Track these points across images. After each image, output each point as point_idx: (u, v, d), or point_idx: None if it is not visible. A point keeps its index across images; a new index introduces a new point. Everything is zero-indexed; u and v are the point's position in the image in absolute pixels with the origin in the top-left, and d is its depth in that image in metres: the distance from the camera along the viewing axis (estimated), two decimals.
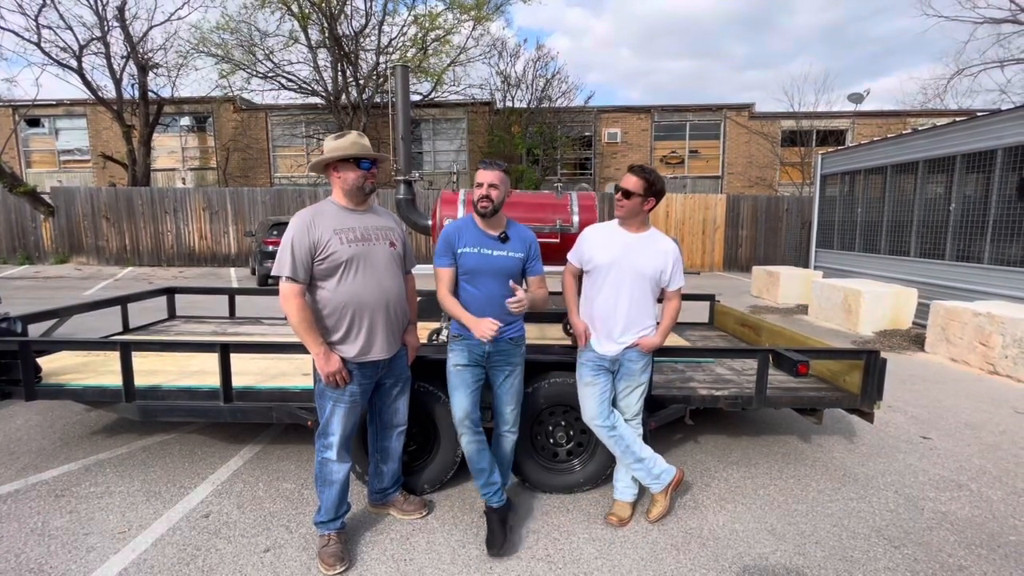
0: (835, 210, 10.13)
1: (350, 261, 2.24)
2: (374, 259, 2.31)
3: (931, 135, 7.79)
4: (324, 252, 2.20)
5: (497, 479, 2.53)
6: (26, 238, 15.31)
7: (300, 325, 2.19)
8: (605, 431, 2.59)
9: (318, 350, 2.22)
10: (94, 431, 3.70)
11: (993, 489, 3.10)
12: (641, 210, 2.50)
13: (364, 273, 2.27)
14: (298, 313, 2.17)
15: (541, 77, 18.08)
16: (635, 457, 2.61)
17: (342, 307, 2.26)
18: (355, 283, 2.26)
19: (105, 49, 16.05)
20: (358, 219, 2.32)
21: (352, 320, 2.27)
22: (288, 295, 2.17)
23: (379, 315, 2.32)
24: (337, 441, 2.34)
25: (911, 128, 8.63)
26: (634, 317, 2.51)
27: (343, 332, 2.28)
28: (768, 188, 18.80)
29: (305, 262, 2.18)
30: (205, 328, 4.66)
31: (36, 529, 2.56)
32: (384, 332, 2.35)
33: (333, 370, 2.23)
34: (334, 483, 2.37)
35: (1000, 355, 5.39)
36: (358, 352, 2.29)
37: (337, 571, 2.28)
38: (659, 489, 2.68)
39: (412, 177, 4.13)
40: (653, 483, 2.66)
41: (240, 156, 19.06)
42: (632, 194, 2.46)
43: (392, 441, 2.59)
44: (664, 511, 2.69)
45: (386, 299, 2.34)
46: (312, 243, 2.19)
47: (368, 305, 2.29)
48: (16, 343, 2.89)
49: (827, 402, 3.13)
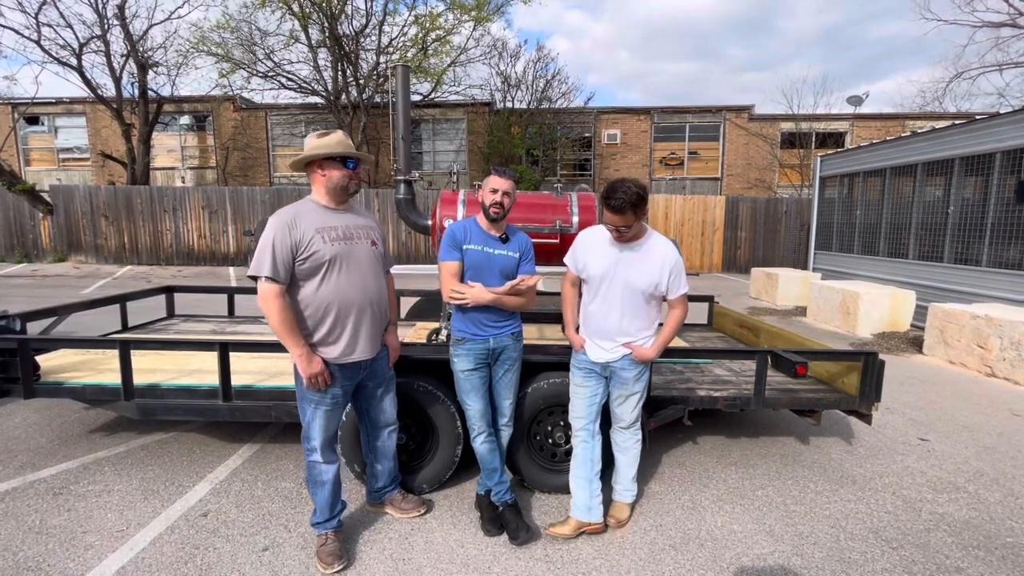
0: (834, 212, 10.15)
1: (333, 260, 2.21)
2: (357, 258, 2.29)
3: (930, 138, 7.81)
4: (307, 251, 2.16)
5: (507, 477, 2.61)
6: (24, 236, 15.27)
7: (282, 326, 2.14)
8: (585, 434, 2.59)
9: (300, 351, 2.17)
10: (92, 429, 3.70)
11: (990, 491, 3.11)
12: (640, 227, 2.41)
13: (348, 272, 2.25)
14: (279, 314, 2.12)
15: (541, 78, 18.08)
16: (590, 474, 2.56)
17: (325, 307, 2.22)
18: (339, 282, 2.23)
19: (105, 47, 16.02)
20: (339, 218, 2.29)
21: (336, 320, 2.24)
22: (268, 296, 2.11)
23: (363, 315, 2.30)
24: (320, 444, 2.32)
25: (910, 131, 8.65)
26: (626, 328, 2.45)
27: (325, 332, 2.24)
28: (767, 190, 18.82)
29: (286, 262, 2.13)
30: (204, 327, 4.65)
31: (34, 527, 2.56)
32: (367, 332, 2.33)
33: (315, 372, 2.19)
34: (324, 483, 2.36)
35: (998, 358, 5.40)
36: (341, 353, 2.26)
37: (335, 569, 2.27)
38: (578, 516, 2.55)
39: (412, 177, 4.14)
40: (582, 509, 2.55)
41: (239, 155, 19.04)
42: (627, 227, 2.31)
43: (384, 440, 2.59)
44: (566, 534, 2.52)
45: (369, 298, 2.32)
46: (294, 242, 2.14)
47: (352, 304, 2.26)
48: (15, 341, 2.89)
49: (825, 403, 3.14)
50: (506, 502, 2.57)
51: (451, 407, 2.80)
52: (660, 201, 15.27)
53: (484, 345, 2.48)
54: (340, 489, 2.44)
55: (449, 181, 3.97)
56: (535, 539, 2.50)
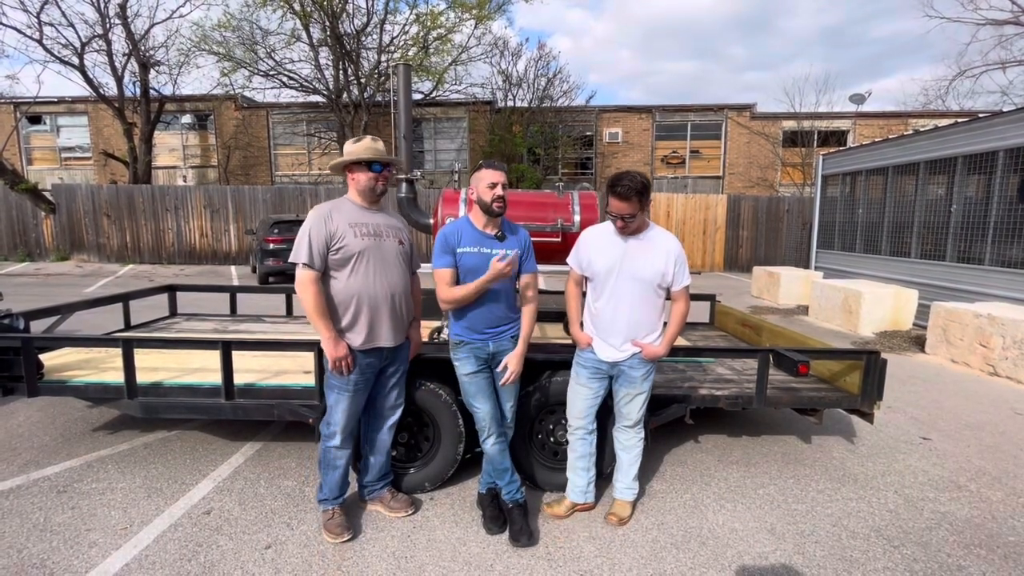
0: (836, 211, 10.13)
1: (361, 253, 2.37)
2: (384, 253, 2.45)
3: (932, 136, 7.79)
4: (338, 243, 2.34)
5: (517, 477, 2.62)
6: (27, 235, 15.31)
7: (315, 311, 2.31)
8: (584, 432, 2.64)
9: (329, 335, 2.33)
10: (96, 427, 3.71)
11: (992, 490, 3.10)
12: (643, 220, 2.43)
13: (373, 265, 2.41)
14: (314, 299, 2.30)
15: (542, 76, 18.10)
16: (588, 464, 2.70)
17: (352, 297, 2.38)
18: (365, 274, 2.39)
19: (107, 46, 16.06)
20: (371, 216, 2.47)
21: (359, 309, 2.39)
22: (305, 281, 2.30)
23: (384, 305, 2.44)
24: (340, 429, 2.48)
25: (912, 129, 8.63)
26: (636, 323, 2.46)
27: (350, 320, 2.39)
28: (769, 188, 18.79)
29: (321, 251, 2.31)
30: (206, 326, 4.66)
31: (38, 525, 2.57)
32: (389, 322, 2.46)
33: (341, 355, 2.35)
34: (337, 468, 2.54)
35: (1000, 356, 5.39)
36: (363, 340, 2.40)
37: (344, 539, 2.45)
38: (574, 499, 2.72)
39: (413, 176, 4.14)
40: (578, 493, 2.72)
41: (241, 154, 19.06)
42: (630, 216, 2.33)
43: (382, 434, 2.64)
44: (561, 514, 2.68)
45: (391, 291, 2.46)
46: (329, 234, 2.32)
47: (375, 295, 2.41)
48: (18, 339, 2.91)
49: (827, 402, 3.14)
50: (517, 501, 2.57)
51: (453, 405, 2.80)
52: (662, 200, 15.24)
53: (483, 349, 2.47)
54: (348, 473, 2.62)
55: (451, 180, 3.98)
56: (534, 545, 2.48)
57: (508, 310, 2.50)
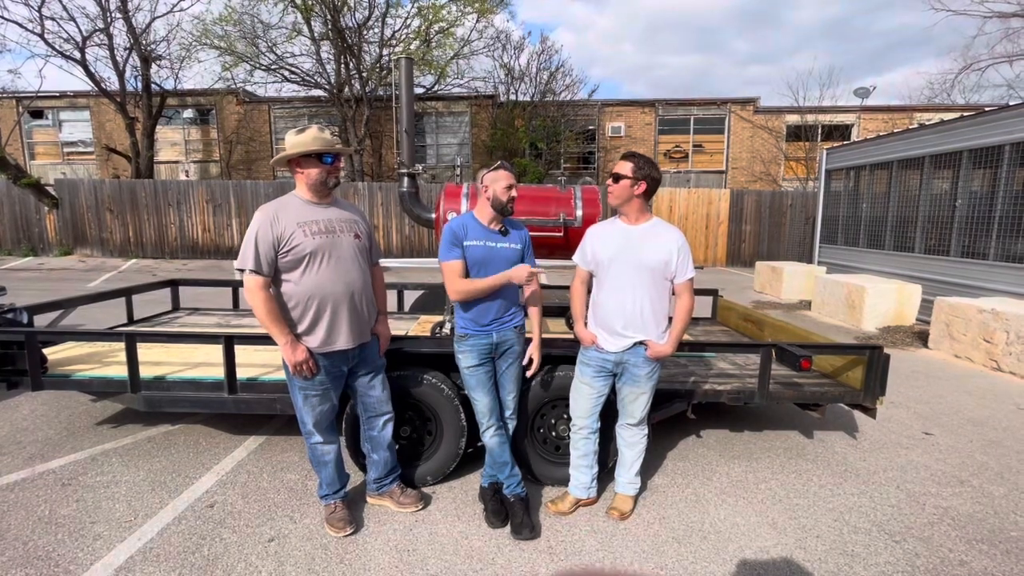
0: (839, 205, 10.08)
1: (315, 253, 2.26)
2: (339, 251, 2.34)
3: (937, 130, 7.73)
4: (288, 245, 2.22)
5: (518, 471, 2.63)
6: (30, 230, 15.34)
7: (267, 317, 2.22)
8: (587, 431, 2.64)
9: (284, 340, 2.25)
10: (100, 421, 3.73)
11: (995, 485, 3.10)
12: (632, 194, 2.40)
13: (329, 264, 2.30)
14: (263, 305, 2.21)
15: (545, 70, 17.99)
16: (592, 461, 2.71)
17: (307, 298, 2.28)
18: (320, 274, 2.29)
19: (108, 41, 16.01)
20: (322, 212, 2.34)
21: (317, 311, 2.30)
22: (253, 288, 2.20)
23: (345, 306, 2.35)
24: (313, 427, 2.44)
25: (917, 123, 8.56)
26: (640, 311, 2.43)
27: (308, 323, 2.31)
28: (772, 183, 18.70)
29: (268, 256, 2.21)
30: (209, 320, 4.67)
31: (44, 517, 2.59)
32: (349, 322, 2.37)
33: (300, 360, 2.27)
34: (327, 463, 2.52)
35: (1004, 351, 5.37)
36: (321, 342, 2.32)
37: (346, 533, 2.46)
38: (577, 494, 2.73)
39: (415, 170, 4.12)
40: (581, 489, 2.73)
41: (243, 149, 19.03)
42: (621, 177, 2.40)
43: (378, 430, 2.62)
44: (564, 510, 2.69)
45: (351, 290, 2.37)
46: (275, 237, 2.21)
47: (332, 295, 2.31)
48: (22, 333, 2.92)
49: (830, 397, 3.13)
50: (518, 495, 2.59)
51: (455, 400, 2.81)
52: (664, 194, 15.19)
53: (487, 340, 2.49)
54: (343, 464, 2.60)
55: (453, 174, 3.96)
56: (536, 538, 2.49)
57: (511, 303, 2.54)
